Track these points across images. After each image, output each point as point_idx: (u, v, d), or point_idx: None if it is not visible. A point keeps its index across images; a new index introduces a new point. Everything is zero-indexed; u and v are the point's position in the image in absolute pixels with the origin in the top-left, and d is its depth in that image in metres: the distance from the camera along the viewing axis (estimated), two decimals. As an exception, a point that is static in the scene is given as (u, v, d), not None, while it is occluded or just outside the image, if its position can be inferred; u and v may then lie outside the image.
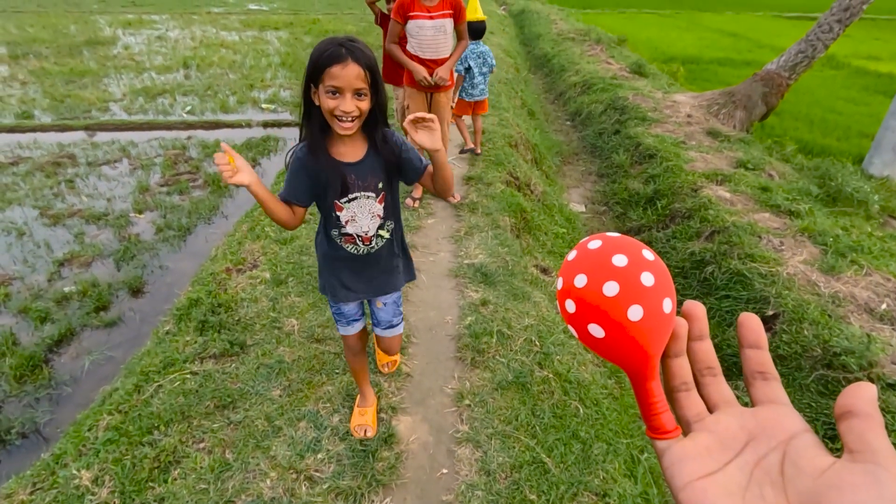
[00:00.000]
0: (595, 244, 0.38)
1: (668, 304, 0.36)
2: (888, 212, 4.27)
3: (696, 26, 16.04)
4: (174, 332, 2.50)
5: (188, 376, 2.17)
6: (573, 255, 0.39)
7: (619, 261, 0.36)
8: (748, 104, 6.32)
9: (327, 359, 2.29)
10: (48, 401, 2.58)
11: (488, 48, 4.28)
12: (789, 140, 6.03)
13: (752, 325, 0.35)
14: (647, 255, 0.37)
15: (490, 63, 4.30)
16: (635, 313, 0.35)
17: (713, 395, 0.36)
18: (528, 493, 1.73)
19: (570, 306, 0.37)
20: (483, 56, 4.23)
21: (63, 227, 4.07)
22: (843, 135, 6.56)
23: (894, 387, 2.34)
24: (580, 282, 0.37)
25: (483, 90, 4.35)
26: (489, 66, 4.30)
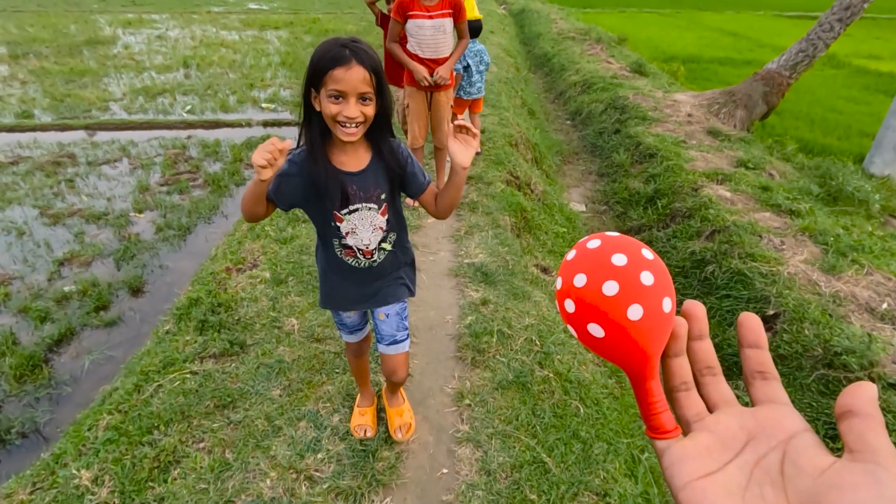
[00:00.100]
0: (594, 243, 0.38)
1: (667, 304, 0.35)
2: (889, 211, 4.27)
3: (696, 25, 16.03)
4: (174, 332, 2.50)
5: (188, 376, 2.17)
6: (572, 255, 0.39)
7: (619, 260, 0.36)
8: (749, 103, 6.31)
9: (327, 358, 2.29)
10: (48, 400, 2.58)
11: (483, 46, 4.32)
12: (790, 139, 6.02)
13: (752, 324, 0.35)
14: (647, 254, 0.37)
15: (486, 61, 4.34)
16: (635, 313, 0.35)
17: (713, 395, 0.36)
18: (529, 493, 1.73)
19: (570, 306, 0.37)
20: (480, 54, 4.26)
21: (63, 227, 4.07)
22: (844, 134, 6.55)
23: (895, 386, 2.34)
24: (579, 281, 0.37)
25: (480, 88, 4.38)
26: (486, 64, 4.34)
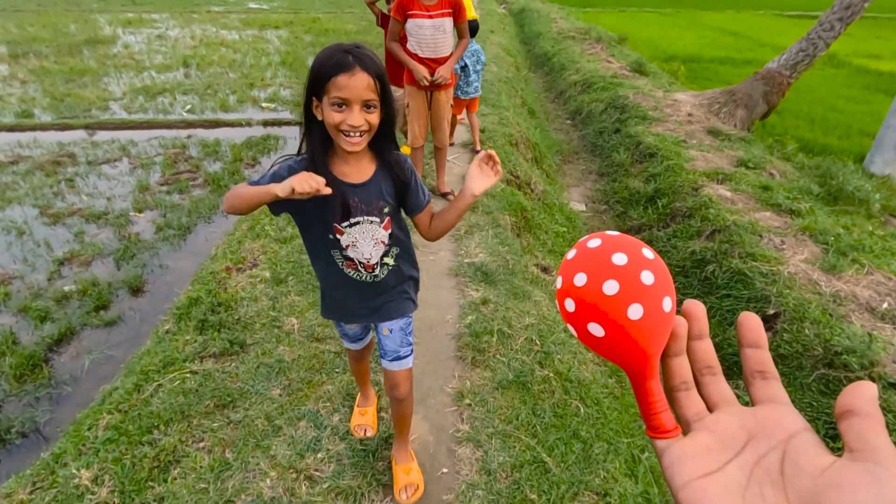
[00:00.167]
0: (594, 243, 0.38)
1: (667, 303, 0.35)
2: (889, 210, 4.27)
3: (696, 25, 16.02)
4: (174, 332, 2.50)
5: (188, 375, 2.17)
6: (573, 254, 0.39)
7: (619, 259, 0.36)
8: (749, 103, 6.31)
9: (327, 358, 2.29)
10: (48, 400, 2.58)
11: (480, 46, 4.37)
12: (790, 139, 6.02)
13: (752, 324, 0.35)
14: (647, 253, 0.37)
15: (482, 61, 4.39)
16: (635, 312, 0.35)
17: (713, 395, 0.36)
18: (529, 493, 1.73)
19: (570, 305, 0.37)
20: (476, 54, 4.30)
21: (63, 226, 4.07)
22: (844, 133, 6.55)
23: (895, 386, 2.34)
24: (580, 280, 0.37)
25: (477, 87, 4.43)
26: (482, 64, 4.40)
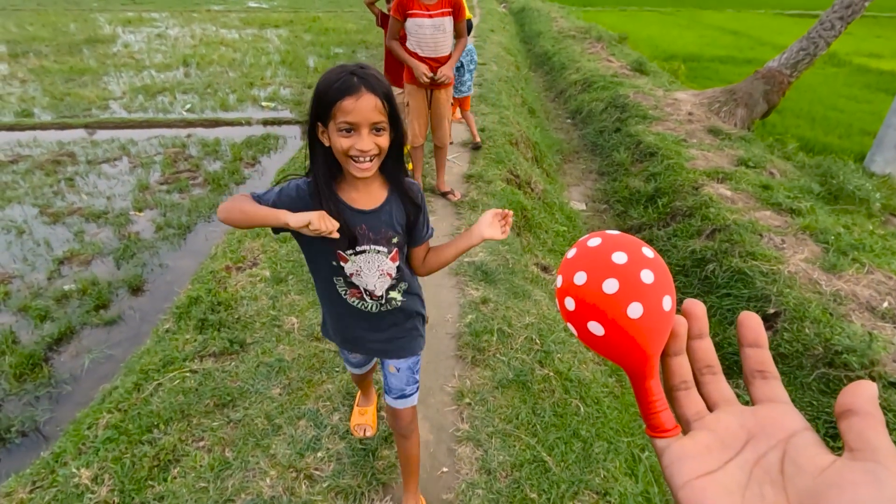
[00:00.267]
0: (595, 242, 0.38)
1: (667, 302, 0.35)
2: (890, 210, 4.27)
3: (697, 24, 16.01)
4: (174, 331, 2.49)
5: (188, 375, 2.17)
6: (573, 253, 0.38)
7: (619, 258, 0.36)
8: (749, 102, 6.30)
9: (327, 357, 2.29)
10: (48, 399, 2.58)
11: (473, 45, 4.45)
12: (791, 138, 6.02)
13: (752, 323, 0.35)
14: (647, 252, 0.37)
15: (475, 60, 4.49)
16: (635, 311, 0.34)
17: (713, 394, 0.36)
18: (529, 492, 1.73)
19: (570, 304, 0.37)
20: (470, 54, 4.39)
21: (63, 226, 4.07)
22: (845, 133, 6.55)
23: (895, 385, 2.34)
24: (580, 279, 0.36)
25: (470, 87, 4.52)
26: (475, 63, 4.49)
